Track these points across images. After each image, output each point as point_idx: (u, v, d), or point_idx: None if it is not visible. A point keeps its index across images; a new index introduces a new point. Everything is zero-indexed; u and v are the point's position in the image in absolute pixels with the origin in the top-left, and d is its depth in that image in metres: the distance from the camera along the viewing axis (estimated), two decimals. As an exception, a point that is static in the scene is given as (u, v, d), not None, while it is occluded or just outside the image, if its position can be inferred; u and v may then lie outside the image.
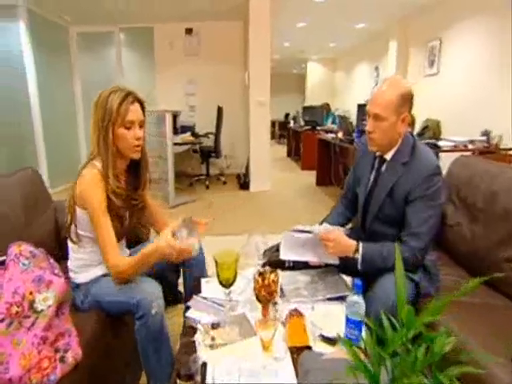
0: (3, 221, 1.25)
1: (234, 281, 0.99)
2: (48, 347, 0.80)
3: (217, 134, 4.60)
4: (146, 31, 5.11)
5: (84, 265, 1.16)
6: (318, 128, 5.61)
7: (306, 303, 1.09)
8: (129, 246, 1.36)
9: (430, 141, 3.03)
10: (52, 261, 0.93)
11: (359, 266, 1.11)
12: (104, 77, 5.30)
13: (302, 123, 6.53)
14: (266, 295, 0.95)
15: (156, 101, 5.23)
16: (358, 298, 0.82)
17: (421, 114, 3.29)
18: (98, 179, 1.06)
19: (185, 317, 1.11)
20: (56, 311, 0.86)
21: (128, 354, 1.18)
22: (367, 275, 1.12)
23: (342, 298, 1.10)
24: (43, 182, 1.55)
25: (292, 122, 7.80)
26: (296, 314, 0.93)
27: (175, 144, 3.85)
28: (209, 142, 4.78)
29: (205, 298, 1.18)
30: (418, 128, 3.56)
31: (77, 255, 1.16)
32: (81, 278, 1.16)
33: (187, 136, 4.28)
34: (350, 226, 1.46)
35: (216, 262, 0.96)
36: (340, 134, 3.90)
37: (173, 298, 1.59)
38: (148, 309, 1.03)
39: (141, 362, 1.10)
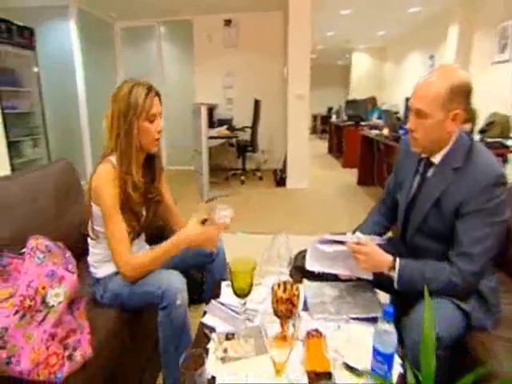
0: (37, 213, 1.32)
1: (249, 291, 0.93)
2: (57, 344, 0.80)
3: (253, 128, 4.56)
4: (185, 24, 5.19)
5: (102, 260, 1.17)
6: (362, 123, 5.32)
7: (331, 321, 0.99)
8: (150, 242, 1.35)
9: (496, 139, 2.67)
10: (68, 255, 0.94)
11: (395, 285, 0.98)
12: (145, 70, 5.50)
13: (345, 118, 6.24)
14: (285, 311, 0.86)
15: (194, 94, 5.33)
16: (388, 327, 0.70)
17: (487, 107, 2.92)
18: (112, 176, 1.06)
19: (200, 322, 1.07)
20: (68, 307, 0.87)
21: (145, 356, 1.18)
22: (406, 295, 0.98)
23: (374, 320, 0.98)
24: (76, 174, 1.60)
25: (334, 117, 7.50)
26: (316, 334, 0.83)
27: (210, 138, 3.86)
28: (246, 136, 4.76)
29: (222, 304, 1.13)
30: (481, 124, 3.16)
31: (95, 250, 1.18)
32: (99, 272, 1.18)
33: (223, 130, 4.29)
34: (389, 234, 1.32)
35: (230, 270, 0.90)
36: (385, 131, 3.63)
37: (197, 296, 1.58)
38: (173, 299, 1.03)
39: (159, 364, 1.09)
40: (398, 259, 1.00)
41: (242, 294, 0.91)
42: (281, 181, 4.43)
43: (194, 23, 5.18)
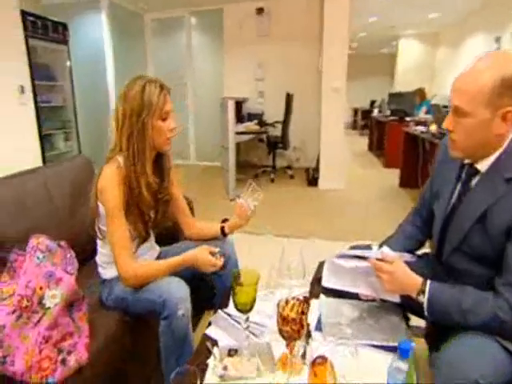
0: (52, 210, 1.38)
1: (252, 306, 0.88)
2: (50, 347, 0.82)
3: (285, 124, 4.49)
4: (216, 13, 5.21)
5: (109, 261, 1.19)
6: (408, 119, 5.02)
7: (345, 345, 0.92)
8: (159, 242, 1.36)
9: None
10: (70, 256, 0.96)
11: (426, 313, 0.87)
12: (174, 62, 5.64)
13: (388, 113, 5.94)
14: (290, 331, 0.81)
15: (223, 86, 5.35)
16: (403, 365, 0.62)
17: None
18: (117, 177, 1.06)
19: (203, 334, 1.05)
20: (67, 309, 0.89)
21: (150, 364, 1.18)
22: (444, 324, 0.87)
23: (396, 350, 0.89)
24: (93, 170, 1.65)
25: (376, 111, 7.18)
26: (322, 361, 0.77)
27: (238, 133, 3.85)
28: (277, 132, 4.71)
29: (229, 316, 1.10)
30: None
31: (103, 250, 1.20)
32: (106, 273, 1.20)
33: (251, 125, 4.26)
34: (425, 250, 1.20)
35: (231, 283, 0.86)
36: (433, 127, 3.39)
37: (208, 302, 1.57)
38: (174, 310, 1.02)
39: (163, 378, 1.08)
40: (428, 282, 0.89)
41: (243, 309, 0.87)
42: (313, 180, 4.32)
43: (225, 12, 5.18)
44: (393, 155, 5.14)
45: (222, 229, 1.36)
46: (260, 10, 4.98)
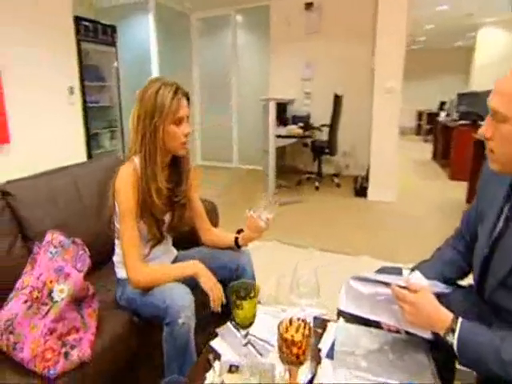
0: (79, 208, 1.53)
1: (251, 322, 0.90)
2: (54, 339, 0.91)
3: (332, 127, 4.43)
4: (262, 10, 5.32)
5: (123, 261, 1.27)
6: (482, 123, 4.63)
7: (356, 380, 0.88)
8: (176, 245, 1.44)
9: None
10: (82, 253, 1.06)
11: (457, 355, 0.79)
12: (219, 62, 5.88)
13: (456, 116, 5.54)
14: (291, 356, 0.80)
15: (269, 86, 5.43)
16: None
17: None
18: (132, 178, 1.14)
19: (208, 345, 1.08)
20: (76, 304, 0.98)
21: (160, 369, 1.24)
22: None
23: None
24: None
25: (443, 114, 6.74)
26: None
27: (279, 136, 3.88)
28: (324, 136, 4.65)
29: (237, 329, 1.12)
30: None
31: (117, 250, 1.30)
32: (121, 272, 1.30)
33: (294, 128, 4.26)
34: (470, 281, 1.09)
35: (229, 297, 0.88)
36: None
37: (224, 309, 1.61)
38: (175, 317, 1.07)
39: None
40: (459, 320, 0.80)
41: (242, 324, 0.89)
42: (361, 190, 4.20)
43: (272, 8, 5.26)
44: (460, 166, 4.77)
45: (236, 240, 1.38)
46: (309, 5, 4.97)
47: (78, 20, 3.59)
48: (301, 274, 1.05)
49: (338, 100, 4.37)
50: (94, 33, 3.83)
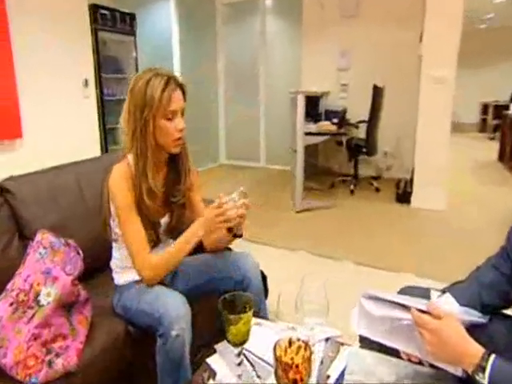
0: (81, 207, 1.60)
1: (245, 339, 0.90)
2: (38, 346, 0.96)
3: (370, 124, 4.34)
4: (295, -7, 5.30)
5: (120, 266, 1.33)
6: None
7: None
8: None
9: None
10: (73, 256, 1.11)
11: None
12: (246, 51, 5.94)
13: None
14: (288, 382, 0.79)
15: (301, 78, 5.40)
16: None
17: None
18: (126, 175, 1.18)
19: (204, 362, 1.09)
20: (65, 310, 1.03)
21: (151, 381, 1.27)
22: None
23: None
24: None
25: (514, 107, 6.34)
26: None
27: (308, 134, 3.85)
28: (361, 134, 4.57)
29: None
30: None
31: (115, 254, 1.35)
32: (118, 279, 1.35)
33: (327, 124, 4.20)
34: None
35: (222, 312, 0.89)
36: None
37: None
38: (168, 328, 1.09)
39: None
40: (492, 357, 0.75)
41: (234, 341, 0.89)
42: (404, 196, 4.08)
43: (304, -10, 5.24)
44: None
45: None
46: (346, -14, 4.90)
47: (95, 8, 3.75)
48: (308, 288, 1.03)
49: (378, 92, 4.27)
50: (111, 21, 3.99)
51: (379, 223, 3.53)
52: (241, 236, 1.35)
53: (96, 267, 1.60)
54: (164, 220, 1.32)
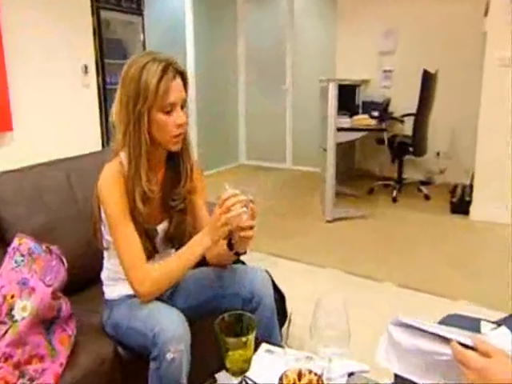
0: (72, 207, 1.63)
1: (245, 368, 0.89)
2: (10, 368, 0.98)
3: (419, 117, 4.27)
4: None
5: (111, 278, 1.35)
6: None
7: None
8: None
9: None
10: (55, 264, 1.13)
11: None
12: (272, 32, 5.97)
13: None
14: None
15: (335, 64, 5.38)
16: None
17: None
18: (117, 176, 1.19)
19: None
20: (42, 326, 1.04)
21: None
22: None
23: None
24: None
25: None
26: None
27: (341, 130, 3.82)
28: (407, 130, 4.49)
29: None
30: None
31: (106, 264, 1.37)
32: (108, 292, 1.36)
33: (364, 118, 4.15)
34: None
35: (218, 334, 0.88)
36: None
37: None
38: (163, 351, 1.09)
39: None
40: None
41: (233, 369, 0.89)
42: (461, 205, 3.99)
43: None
44: None
45: (229, 242, 1.35)
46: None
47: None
48: (325, 311, 1.01)
49: (429, 79, 4.20)
50: (116, -1, 4.10)
51: (428, 238, 3.48)
52: (244, 253, 1.35)
53: (86, 278, 1.63)
54: (162, 227, 1.33)
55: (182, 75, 1.20)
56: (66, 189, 1.67)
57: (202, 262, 1.52)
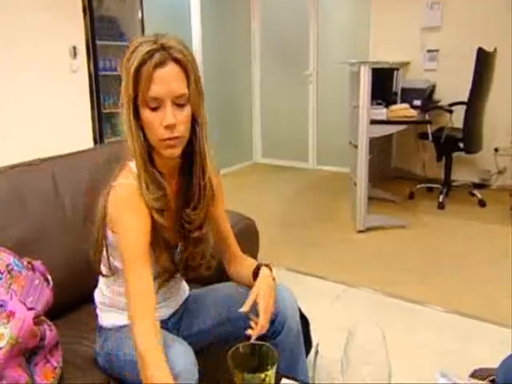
0: (60, 214, 1.64)
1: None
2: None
3: (471, 107, 4.22)
4: None
5: (110, 304, 1.35)
6: None
7: None
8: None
9: None
10: (38, 283, 1.13)
11: None
12: (291, 11, 5.97)
13: None
14: None
15: (368, 45, 5.38)
16: None
17: None
18: (135, 199, 1.16)
19: None
20: (22, 357, 1.04)
21: None
22: None
23: None
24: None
25: None
26: None
27: (375, 122, 3.79)
28: (457, 123, 4.44)
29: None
30: None
31: (105, 290, 1.36)
32: (104, 318, 1.36)
33: (404, 108, 4.10)
34: None
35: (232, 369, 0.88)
36: None
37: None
38: None
39: None
40: None
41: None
42: (524, 213, 3.95)
43: None
44: None
45: (256, 272, 1.37)
46: None
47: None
48: (360, 344, 1.00)
49: (484, 60, 4.15)
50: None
51: (484, 253, 3.44)
52: None
53: (74, 299, 1.64)
54: (180, 246, 1.33)
55: (179, 63, 1.13)
56: (52, 193, 1.67)
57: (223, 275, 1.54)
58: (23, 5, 3.25)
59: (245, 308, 1.26)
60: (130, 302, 1.13)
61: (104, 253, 1.28)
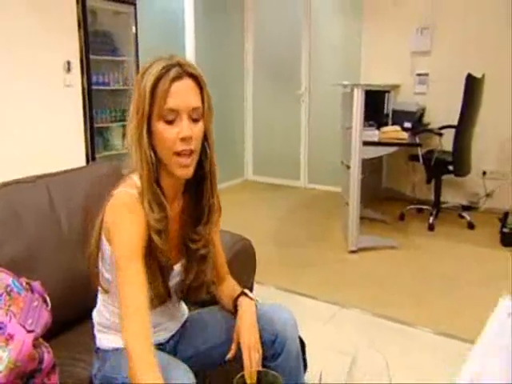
0: (56, 232, 1.62)
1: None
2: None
3: (461, 129, 4.27)
4: None
5: (108, 326, 1.33)
6: None
7: None
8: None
9: None
10: (36, 305, 1.11)
11: None
12: (285, 29, 6.04)
13: None
14: None
15: (360, 68, 5.42)
16: None
17: None
18: (134, 206, 1.15)
19: None
20: (13, 381, 1.01)
21: None
22: None
23: None
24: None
25: None
26: None
27: (367, 144, 3.82)
28: (446, 145, 4.49)
29: None
30: None
31: (103, 309, 1.34)
32: (102, 340, 1.34)
33: (395, 130, 4.15)
34: None
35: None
36: None
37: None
38: None
39: None
40: None
41: None
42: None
43: None
44: None
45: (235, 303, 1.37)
46: None
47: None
48: (364, 368, 0.99)
49: (473, 85, 4.19)
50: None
51: (474, 276, 3.45)
52: None
53: (70, 319, 1.62)
54: (178, 267, 1.32)
55: (196, 79, 1.17)
56: (48, 211, 1.66)
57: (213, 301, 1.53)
58: (18, 19, 3.24)
59: (230, 355, 1.29)
60: (120, 301, 1.11)
61: (100, 266, 1.27)
